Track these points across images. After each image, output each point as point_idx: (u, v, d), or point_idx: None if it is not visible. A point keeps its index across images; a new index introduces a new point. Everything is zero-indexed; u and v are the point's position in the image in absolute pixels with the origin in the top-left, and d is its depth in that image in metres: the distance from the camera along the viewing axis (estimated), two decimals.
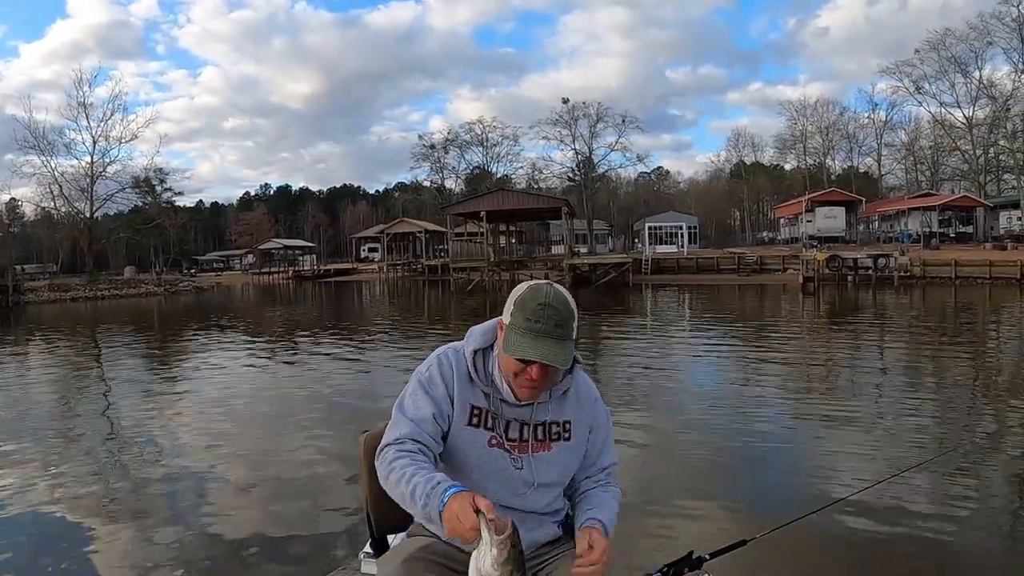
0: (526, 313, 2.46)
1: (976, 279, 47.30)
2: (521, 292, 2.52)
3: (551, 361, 2.42)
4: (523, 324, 2.45)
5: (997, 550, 6.52)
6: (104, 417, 13.57)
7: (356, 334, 28.87)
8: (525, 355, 2.42)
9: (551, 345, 2.43)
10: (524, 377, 2.48)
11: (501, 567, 1.99)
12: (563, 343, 2.47)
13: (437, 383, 2.60)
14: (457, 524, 2.14)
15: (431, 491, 2.28)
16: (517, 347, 2.44)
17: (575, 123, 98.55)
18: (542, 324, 2.43)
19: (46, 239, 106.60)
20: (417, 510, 2.33)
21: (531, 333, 2.43)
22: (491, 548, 2.01)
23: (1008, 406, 12.45)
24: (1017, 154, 72.63)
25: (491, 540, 2.02)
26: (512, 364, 2.49)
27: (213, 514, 7.68)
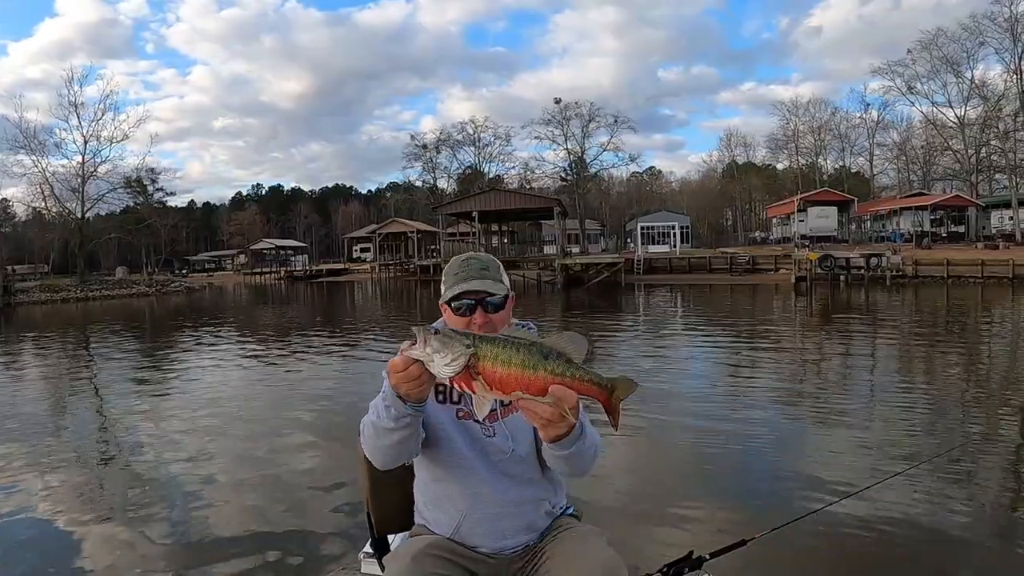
0: (452, 271, 2.83)
1: (968, 279, 47.36)
2: (447, 264, 2.89)
3: (480, 287, 2.72)
4: (451, 280, 2.78)
5: (993, 550, 6.50)
6: (94, 418, 13.49)
7: (349, 334, 28.81)
8: (453, 292, 2.72)
9: (477, 282, 2.73)
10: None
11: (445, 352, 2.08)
12: (491, 281, 2.77)
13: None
14: (392, 373, 2.27)
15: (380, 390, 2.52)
16: (446, 294, 2.75)
17: (567, 123, 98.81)
18: (466, 271, 2.78)
19: (37, 239, 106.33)
20: (384, 414, 2.46)
21: (458, 280, 2.75)
22: (424, 350, 2.10)
23: (1003, 404, 12.48)
24: (1009, 154, 72.78)
25: (421, 343, 2.11)
26: (457, 323, 2.71)
27: (209, 515, 7.62)
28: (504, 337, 2.12)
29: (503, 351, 2.07)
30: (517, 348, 2.08)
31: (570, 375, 2.11)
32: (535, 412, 2.15)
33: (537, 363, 2.07)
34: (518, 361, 2.07)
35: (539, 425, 2.24)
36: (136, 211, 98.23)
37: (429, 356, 2.07)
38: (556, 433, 2.30)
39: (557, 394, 2.09)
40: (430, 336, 2.07)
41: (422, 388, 2.27)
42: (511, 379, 2.07)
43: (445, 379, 2.13)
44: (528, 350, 2.08)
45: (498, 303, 2.79)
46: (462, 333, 2.12)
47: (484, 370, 2.07)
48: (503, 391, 2.09)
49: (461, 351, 2.05)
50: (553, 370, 2.09)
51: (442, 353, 2.05)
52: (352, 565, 4.26)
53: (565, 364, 2.12)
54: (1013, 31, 68.90)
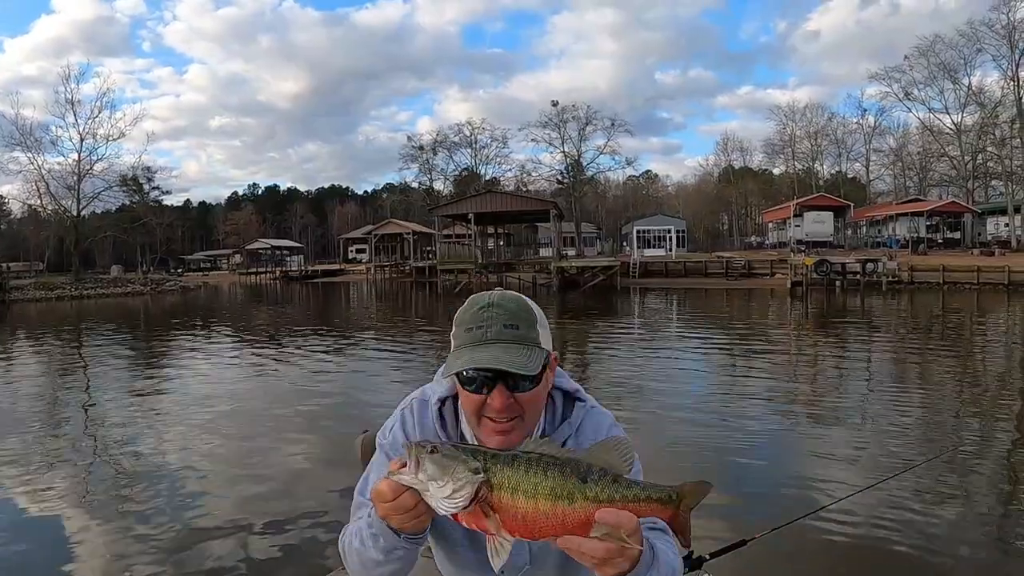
0: (465, 323, 1.98)
1: (964, 285, 47.34)
2: (463, 306, 2.05)
3: (497, 363, 1.87)
4: (463, 337, 1.96)
5: (987, 551, 6.55)
6: (87, 417, 13.43)
7: (343, 335, 28.78)
8: (458, 366, 1.90)
9: (498, 349, 1.90)
10: (489, 418, 1.95)
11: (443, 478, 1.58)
12: (519, 347, 1.92)
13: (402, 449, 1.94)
14: (379, 503, 1.70)
15: (366, 516, 1.95)
16: (451, 364, 1.93)
17: (564, 125, 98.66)
18: (484, 327, 1.94)
19: (32, 237, 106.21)
20: (371, 543, 1.91)
21: (472, 343, 1.93)
22: (417, 476, 1.60)
23: (996, 409, 12.52)
24: (1005, 160, 72.97)
25: (412, 466, 1.61)
26: (469, 401, 1.97)
27: (206, 517, 7.59)
28: (526, 455, 1.62)
29: (525, 477, 1.57)
30: (545, 471, 1.58)
31: (620, 497, 1.60)
32: (584, 553, 1.58)
33: (574, 490, 1.57)
34: (547, 490, 1.57)
35: (593, 567, 1.62)
36: (132, 209, 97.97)
37: (423, 484, 1.60)
38: (618, 571, 1.63)
39: (608, 521, 1.55)
40: (424, 457, 1.59)
41: (418, 520, 1.72)
42: (539, 517, 1.57)
43: (446, 515, 1.64)
44: (560, 472, 1.58)
45: (530, 384, 1.97)
46: (469, 450, 1.63)
47: (501, 505, 1.58)
48: (530, 533, 1.60)
49: (466, 479, 1.57)
50: (597, 496, 1.58)
51: (440, 482, 1.57)
52: None
53: (612, 484, 1.61)
54: (1011, 38, 69.06)
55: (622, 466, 1.66)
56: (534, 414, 2.04)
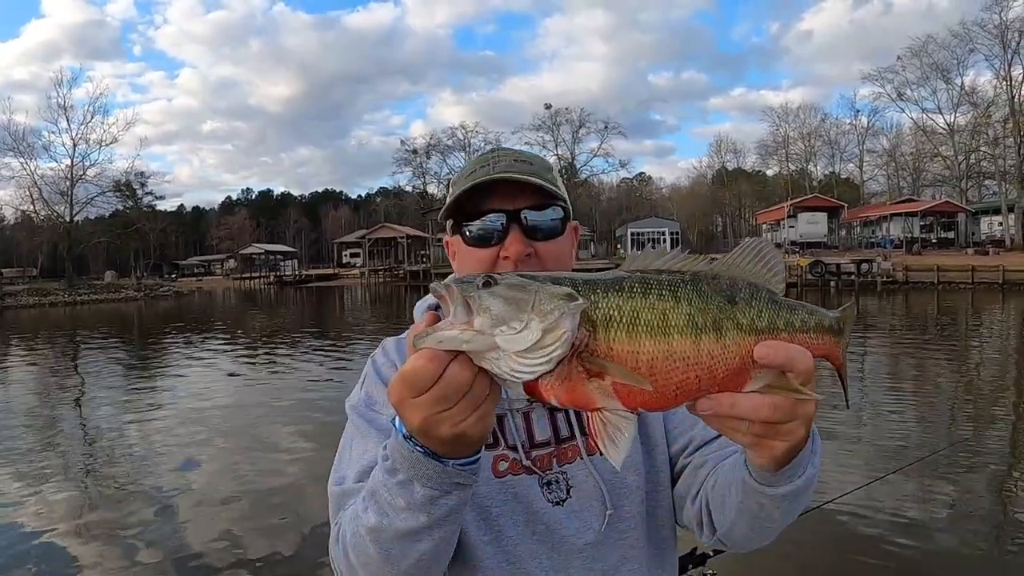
0: (467, 170, 1.63)
1: (959, 284, 47.40)
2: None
3: (508, 173, 1.54)
4: (464, 181, 1.58)
5: (981, 548, 6.58)
6: (81, 426, 13.41)
7: (338, 340, 28.70)
8: (465, 187, 1.55)
9: (517, 174, 1.55)
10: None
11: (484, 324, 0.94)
12: (531, 175, 1.56)
13: (382, 398, 1.57)
14: (408, 395, 1.02)
15: (380, 457, 1.22)
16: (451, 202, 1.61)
17: (557, 128, 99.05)
18: (490, 165, 1.58)
19: (26, 243, 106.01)
20: (401, 502, 1.18)
21: (475, 175, 1.57)
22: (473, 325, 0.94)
23: (992, 408, 12.58)
24: (998, 160, 73.10)
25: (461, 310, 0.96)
26: (479, 256, 1.57)
27: (203, 519, 7.56)
28: (635, 273, 1.04)
29: (646, 303, 0.99)
30: (674, 291, 1.01)
31: (786, 324, 1.08)
32: (740, 418, 1.04)
33: (721, 316, 1.02)
34: (683, 319, 1.00)
35: (749, 443, 1.12)
36: (125, 215, 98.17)
37: (486, 336, 0.95)
38: (785, 448, 1.12)
39: (775, 359, 1.01)
40: (478, 294, 0.96)
41: (482, 417, 1.06)
42: (675, 364, 0.98)
43: (519, 390, 1.00)
44: (697, 292, 1.03)
45: (551, 224, 1.61)
46: (543, 276, 1.01)
47: (613, 354, 0.97)
48: (661, 395, 0.98)
49: (559, 309, 0.95)
50: (753, 323, 1.04)
51: (517, 322, 0.94)
52: None
53: (771, 306, 1.07)
54: (1003, 38, 69.23)
55: (773, 280, 1.10)
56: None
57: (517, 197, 1.56)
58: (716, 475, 1.46)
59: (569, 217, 1.68)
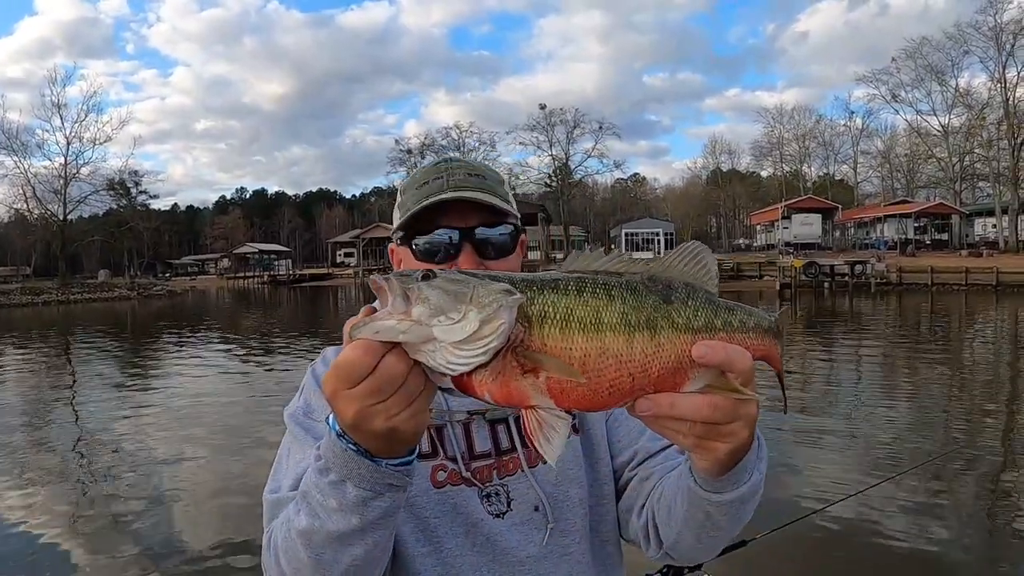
0: (417, 181, 1.60)
1: (952, 286, 47.46)
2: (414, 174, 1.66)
3: (462, 193, 1.52)
4: (415, 193, 1.57)
5: (977, 552, 6.59)
6: (73, 426, 13.31)
7: (330, 340, 28.64)
8: (414, 208, 1.53)
9: (470, 193, 1.53)
10: None
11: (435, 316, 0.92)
12: (488, 195, 1.55)
13: (321, 405, 1.50)
14: (340, 388, 0.98)
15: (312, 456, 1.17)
16: (401, 218, 1.58)
17: (552, 129, 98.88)
18: (443, 178, 1.55)
19: (19, 241, 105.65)
20: (331, 499, 1.13)
21: (426, 196, 1.53)
22: (411, 316, 0.92)
23: (986, 412, 12.59)
24: (992, 162, 73.20)
25: (399, 300, 0.93)
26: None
27: (194, 517, 7.53)
28: (571, 274, 1.02)
29: (580, 301, 0.97)
30: (608, 290, 0.99)
31: (723, 324, 1.05)
32: (679, 418, 1.01)
33: (656, 315, 0.99)
34: (616, 317, 0.97)
35: (691, 446, 1.09)
36: (119, 214, 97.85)
37: (423, 327, 0.92)
38: (727, 449, 1.10)
39: (713, 359, 0.98)
40: (417, 285, 0.94)
41: (416, 413, 1.02)
42: (608, 363, 0.96)
43: (447, 382, 0.99)
44: (632, 291, 1.00)
45: (503, 240, 1.61)
46: (482, 274, 0.98)
47: (547, 349, 0.94)
48: (593, 394, 0.96)
49: (496, 302, 0.93)
50: (689, 322, 1.02)
51: (454, 313, 0.92)
52: None
53: (708, 305, 1.05)
54: (998, 40, 69.34)
55: (708, 281, 1.08)
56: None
57: (469, 214, 1.54)
58: (662, 486, 1.44)
59: (519, 232, 1.68)
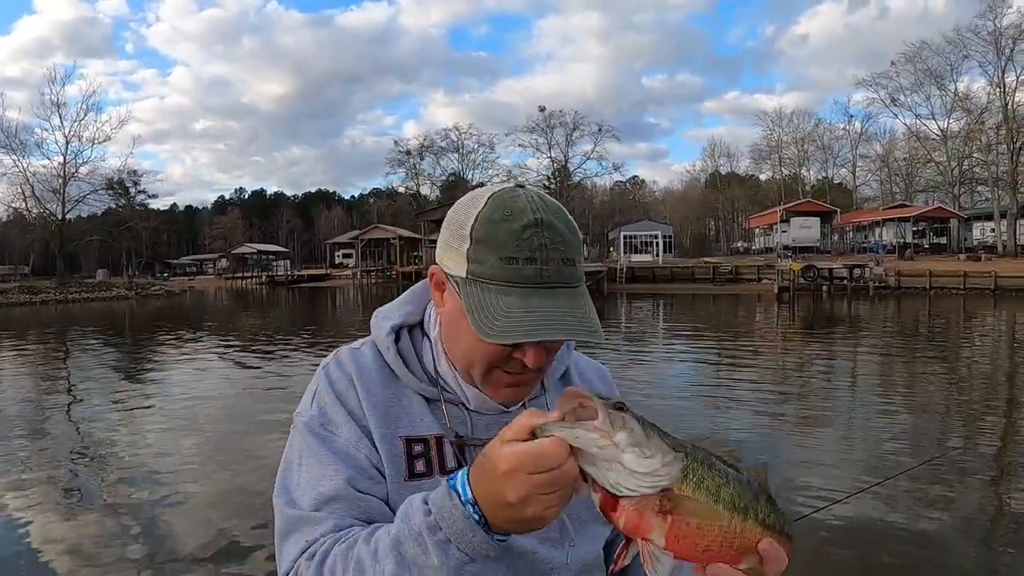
0: (503, 243, 1.30)
1: (951, 290, 47.56)
2: (479, 207, 1.35)
3: (582, 334, 1.30)
4: (504, 268, 1.30)
5: (973, 555, 6.59)
6: (71, 427, 13.27)
7: (328, 340, 28.63)
8: (533, 335, 1.27)
9: (568, 300, 1.33)
10: (507, 371, 1.40)
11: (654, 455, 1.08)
12: (580, 293, 1.37)
13: (337, 417, 1.44)
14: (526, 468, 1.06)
15: (416, 509, 1.20)
16: (508, 319, 1.27)
17: (551, 131, 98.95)
18: (538, 262, 1.30)
19: (17, 240, 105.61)
20: (428, 543, 1.16)
21: (525, 282, 1.30)
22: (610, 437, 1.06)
23: (983, 415, 12.59)
24: (991, 166, 73.23)
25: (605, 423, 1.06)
26: (486, 351, 1.36)
27: (189, 518, 7.51)
28: (702, 450, 1.19)
29: (710, 475, 1.15)
30: (726, 478, 1.18)
31: (781, 527, 1.25)
32: None
33: (749, 506, 1.19)
34: (728, 497, 1.16)
35: None
36: (117, 213, 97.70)
37: (619, 450, 1.08)
38: None
39: (769, 556, 1.18)
40: (625, 416, 1.09)
41: (558, 506, 1.11)
42: (713, 529, 1.15)
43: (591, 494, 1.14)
44: (738, 480, 1.20)
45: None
46: (653, 425, 1.13)
47: (683, 508, 1.11)
48: (692, 547, 1.14)
49: (672, 456, 1.11)
50: (765, 519, 1.21)
51: (644, 450, 1.09)
52: None
53: (775, 510, 1.25)
54: (997, 44, 69.35)
55: (770, 492, 1.27)
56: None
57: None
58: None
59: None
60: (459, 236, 1.35)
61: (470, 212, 1.35)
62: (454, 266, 1.35)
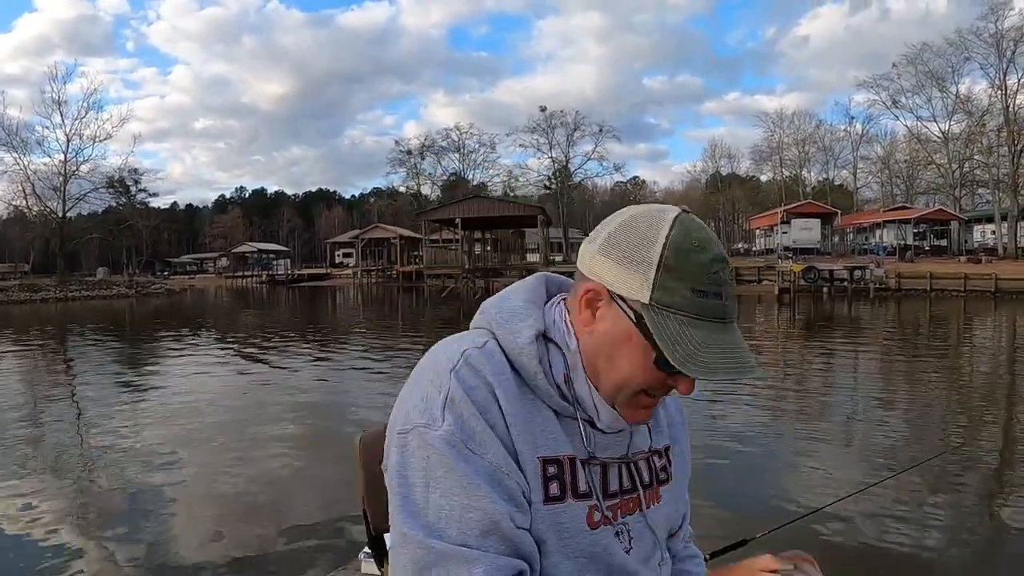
0: (695, 275, 1.27)
1: (951, 292, 47.60)
2: (666, 231, 1.28)
3: (754, 371, 1.30)
4: (694, 300, 1.27)
5: (974, 555, 6.60)
6: (70, 425, 13.25)
7: (330, 340, 28.65)
8: (733, 372, 1.27)
9: (739, 337, 1.34)
10: (650, 395, 1.37)
11: None
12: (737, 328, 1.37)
13: (481, 433, 1.28)
14: None
15: None
16: (708, 354, 1.25)
17: (552, 131, 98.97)
18: (723, 296, 1.30)
19: (18, 238, 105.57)
20: None
21: (712, 317, 1.28)
22: None
23: (984, 415, 12.62)
24: (992, 168, 73.24)
25: None
26: (648, 377, 1.32)
27: (202, 520, 7.49)
28: None
29: None
30: None
31: None
32: None
33: None
34: None
35: None
36: (118, 212, 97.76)
37: None
38: None
39: None
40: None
41: None
42: None
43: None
44: None
45: None
46: None
47: None
48: None
49: None
50: None
51: None
52: (352, 565, 4.15)
53: None
54: (998, 46, 69.31)
55: None
56: None
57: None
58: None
59: None
60: (641, 259, 1.28)
61: (654, 235, 1.28)
62: (630, 289, 1.28)
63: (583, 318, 1.36)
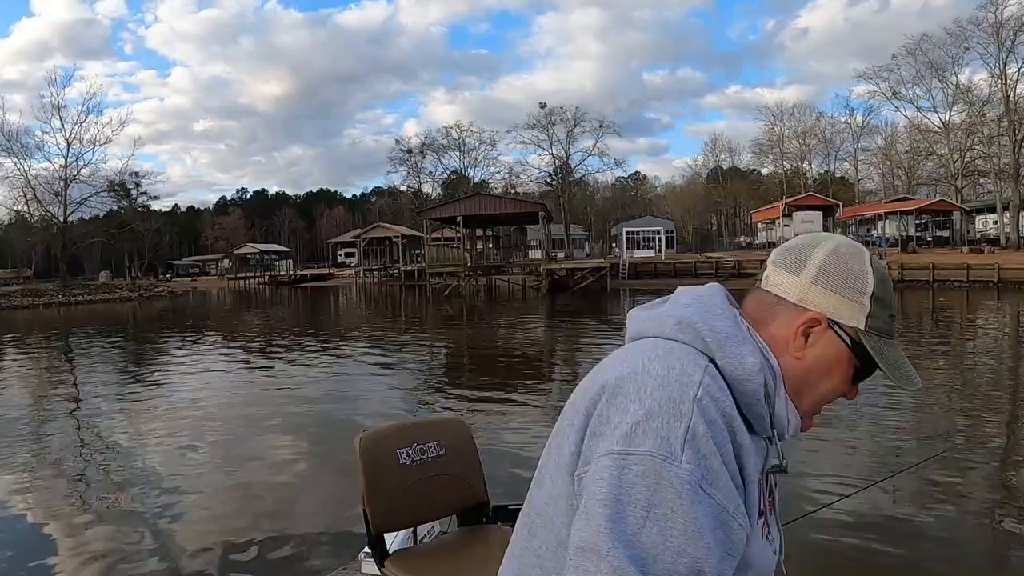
0: (890, 302, 1.44)
1: (954, 282, 47.60)
2: (867, 263, 1.42)
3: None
4: (890, 324, 1.44)
5: (985, 549, 6.65)
6: (74, 427, 13.30)
7: (332, 340, 28.65)
8: (916, 384, 1.43)
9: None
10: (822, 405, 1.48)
11: None
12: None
13: (718, 472, 1.21)
14: None
15: None
16: (906, 369, 1.43)
17: (552, 127, 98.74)
18: (895, 314, 1.46)
19: (20, 243, 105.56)
20: None
21: (895, 337, 1.46)
22: None
23: (987, 411, 12.67)
24: (993, 159, 73.17)
25: None
26: (840, 391, 1.44)
27: (204, 520, 7.52)
28: None
29: None
30: None
31: None
32: None
33: None
34: None
35: None
36: (119, 215, 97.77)
37: None
38: None
39: None
40: None
41: None
42: None
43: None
44: None
45: None
46: None
47: None
48: None
49: None
50: None
51: None
52: (352, 565, 4.15)
53: None
54: (998, 36, 69.16)
55: None
56: None
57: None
58: None
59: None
60: (857, 289, 1.39)
61: (861, 267, 1.40)
62: (845, 316, 1.39)
63: (797, 344, 1.40)
